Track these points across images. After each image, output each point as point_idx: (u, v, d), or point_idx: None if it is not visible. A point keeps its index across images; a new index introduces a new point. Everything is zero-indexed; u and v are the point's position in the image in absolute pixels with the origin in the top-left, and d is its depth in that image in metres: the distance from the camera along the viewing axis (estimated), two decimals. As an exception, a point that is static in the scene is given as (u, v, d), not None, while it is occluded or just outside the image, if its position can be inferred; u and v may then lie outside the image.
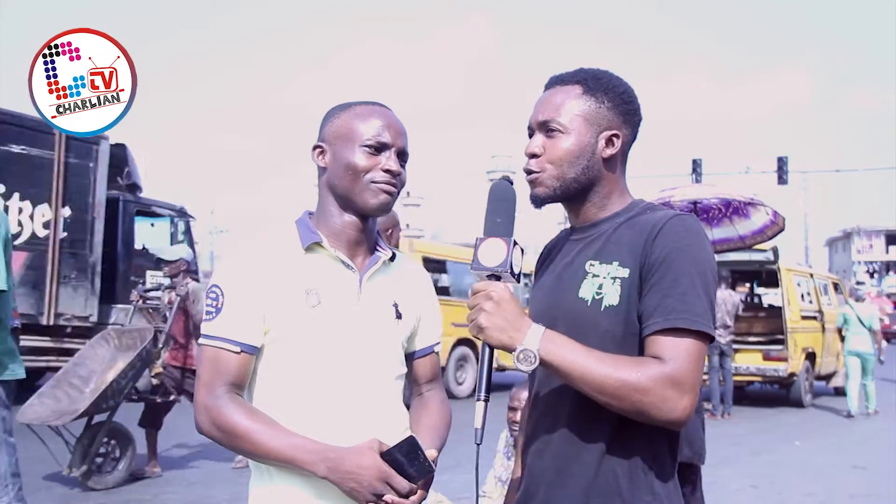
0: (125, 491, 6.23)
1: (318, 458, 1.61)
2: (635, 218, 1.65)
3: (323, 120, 1.85)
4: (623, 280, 1.58)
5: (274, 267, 1.72)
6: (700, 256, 1.55)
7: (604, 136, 1.68)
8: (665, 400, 1.46)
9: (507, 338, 1.51)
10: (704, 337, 1.51)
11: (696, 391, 1.49)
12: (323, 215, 1.82)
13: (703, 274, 1.54)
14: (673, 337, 1.49)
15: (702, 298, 1.52)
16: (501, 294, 1.53)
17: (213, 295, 1.73)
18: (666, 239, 1.55)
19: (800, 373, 12.52)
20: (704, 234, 1.60)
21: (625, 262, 1.59)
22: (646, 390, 1.46)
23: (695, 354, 1.49)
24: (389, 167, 1.75)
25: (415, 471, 1.62)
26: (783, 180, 30.55)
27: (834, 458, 8.68)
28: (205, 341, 1.72)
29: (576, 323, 1.61)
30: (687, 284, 1.51)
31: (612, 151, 1.69)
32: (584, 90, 1.70)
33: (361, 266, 1.80)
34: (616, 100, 1.70)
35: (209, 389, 1.68)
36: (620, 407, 1.49)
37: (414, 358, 1.95)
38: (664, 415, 1.47)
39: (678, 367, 1.47)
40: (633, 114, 1.72)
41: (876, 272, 62.04)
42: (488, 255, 1.55)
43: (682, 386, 1.46)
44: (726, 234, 7.34)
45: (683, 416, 1.48)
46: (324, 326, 1.72)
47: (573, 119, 1.68)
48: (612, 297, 1.58)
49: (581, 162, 1.67)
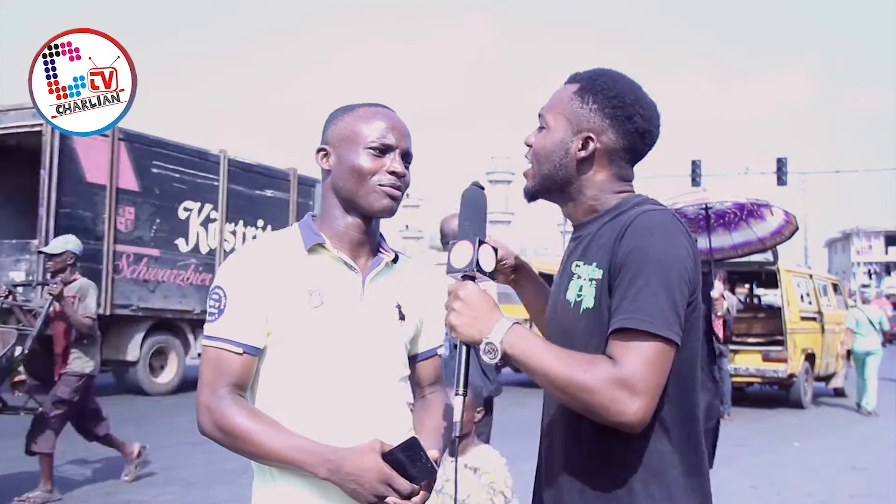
0: (124, 491, 6.23)
1: (319, 460, 1.61)
2: (618, 216, 1.62)
3: (326, 122, 1.85)
4: (597, 281, 1.56)
5: (277, 268, 1.72)
6: (663, 254, 1.50)
7: (579, 137, 1.67)
8: (613, 401, 1.43)
9: (476, 332, 1.55)
10: (660, 338, 1.46)
11: (652, 394, 1.45)
12: (326, 217, 1.81)
13: (665, 273, 1.48)
14: (624, 337, 1.47)
15: (658, 297, 1.47)
16: (468, 292, 1.57)
17: (215, 296, 1.73)
18: (630, 238, 1.52)
19: (799, 374, 12.51)
20: (675, 230, 1.54)
21: (600, 263, 1.57)
22: (592, 390, 1.44)
23: (649, 356, 1.45)
24: (394, 169, 1.76)
25: (416, 472, 1.61)
26: (782, 181, 30.53)
27: (833, 459, 8.68)
28: (207, 342, 1.72)
29: (563, 325, 1.63)
30: (642, 283, 1.48)
31: (584, 154, 1.66)
32: (577, 89, 1.70)
33: (364, 267, 1.80)
34: (603, 102, 1.66)
35: (212, 390, 1.67)
36: (572, 405, 1.50)
37: (417, 361, 1.94)
38: (613, 417, 1.45)
39: (627, 369, 1.44)
40: (624, 119, 1.66)
41: (875, 273, 62.05)
42: (458, 257, 1.61)
43: (632, 388, 1.43)
44: (746, 237, 7.35)
45: (635, 420, 1.44)
46: (327, 327, 1.72)
47: (556, 116, 1.69)
48: (588, 300, 1.58)
49: (554, 160, 1.68)
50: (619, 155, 1.69)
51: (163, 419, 10.04)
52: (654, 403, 1.47)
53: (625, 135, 1.67)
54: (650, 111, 1.70)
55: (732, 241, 7.63)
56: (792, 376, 12.40)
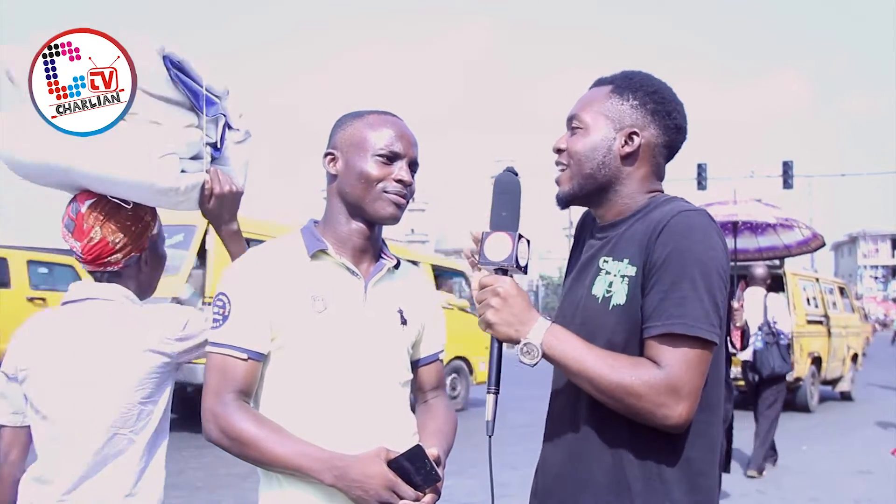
0: (129, 495, 6.21)
1: (325, 467, 1.61)
2: (650, 213, 1.62)
3: (334, 127, 1.86)
4: (630, 279, 1.56)
5: (280, 274, 1.73)
6: (704, 256, 1.51)
7: (622, 134, 1.67)
8: (659, 406, 1.45)
9: (514, 332, 1.53)
10: (704, 342, 1.48)
11: (695, 397, 1.47)
12: (330, 222, 1.82)
13: (707, 275, 1.50)
14: (670, 341, 1.48)
15: (703, 301, 1.48)
16: (508, 289, 1.54)
17: (219, 303, 1.73)
18: (668, 237, 1.52)
19: (805, 378, 12.47)
20: (712, 231, 1.55)
21: (633, 260, 1.57)
22: (640, 395, 1.45)
23: (693, 360, 1.47)
24: (401, 177, 1.76)
25: (421, 479, 1.62)
26: (788, 185, 30.48)
27: (839, 464, 8.64)
28: (212, 349, 1.73)
29: (587, 320, 1.61)
30: (687, 287, 1.48)
31: (629, 149, 1.66)
32: (612, 89, 1.71)
33: (366, 273, 1.81)
34: (643, 98, 1.68)
35: (217, 397, 1.68)
36: (616, 407, 1.50)
37: (419, 366, 1.95)
38: (659, 420, 1.46)
39: (674, 373, 1.46)
40: (664, 114, 1.68)
41: (882, 276, 61.91)
42: (494, 249, 1.56)
43: (678, 392, 1.45)
44: (772, 242, 7.37)
45: (680, 422, 1.47)
46: (330, 332, 1.73)
47: (595, 116, 1.69)
48: (619, 296, 1.57)
49: (597, 158, 1.67)
50: (659, 151, 1.70)
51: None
52: (696, 405, 1.48)
53: (665, 130, 1.69)
54: (683, 107, 1.73)
55: (758, 245, 7.63)
56: (798, 380, 12.36)
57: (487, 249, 1.57)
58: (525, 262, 1.57)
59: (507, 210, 1.61)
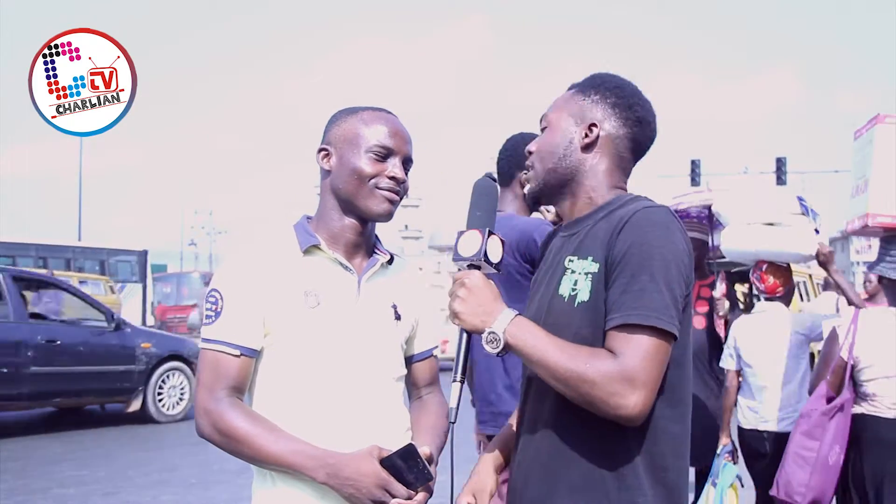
0: (123, 492, 6.22)
1: (317, 464, 1.62)
2: (614, 211, 1.63)
3: (328, 123, 1.85)
4: (594, 275, 1.57)
5: (272, 270, 1.73)
6: (664, 250, 1.52)
7: (583, 127, 1.69)
8: (612, 395, 1.45)
9: (480, 321, 1.55)
10: (662, 332, 1.48)
11: (651, 387, 1.47)
12: (323, 217, 1.82)
13: (666, 268, 1.51)
14: (628, 331, 1.48)
15: (662, 293, 1.49)
16: (475, 281, 1.57)
17: (212, 299, 1.73)
18: (629, 233, 1.53)
19: (798, 373, 12.49)
20: (672, 226, 1.56)
21: (596, 257, 1.58)
22: (593, 383, 1.46)
23: (650, 350, 1.47)
24: (395, 174, 1.77)
25: (413, 477, 1.63)
26: (782, 181, 30.50)
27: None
28: (204, 345, 1.72)
29: (556, 320, 1.62)
30: (646, 279, 1.49)
31: (588, 140, 1.69)
32: (577, 90, 1.74)
33: (360, 268, 1.81)
34: (604, 93, 1.71)
35: (210, 393, 1.68)
36: (572, 396, 1.50)
37: (412, 362, 1.95)
38: (612, 409, 1.46)
39: (629, 362, 1.46)
40: (625, 107, 1.70)
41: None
42: (466, 246, 1.61)
43: (632, 381, 1.45)
44: None
45: (634, 413, 1.46)
46: (323, 327, 1.72)
47: (559, 114, 1.73)
48: (584, 294, 1.58)
49: (558, 152, 1.70)
50: (622, 143, 1.71)
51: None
52: (653, 396, 1.48)
53: (626, 122, 1.71)
54: (648, 104, 1.74)
55: None
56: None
57: (460, 246, 1.61)
58: (497, 258, 1.61)
59: (481, 210, 1.64)
